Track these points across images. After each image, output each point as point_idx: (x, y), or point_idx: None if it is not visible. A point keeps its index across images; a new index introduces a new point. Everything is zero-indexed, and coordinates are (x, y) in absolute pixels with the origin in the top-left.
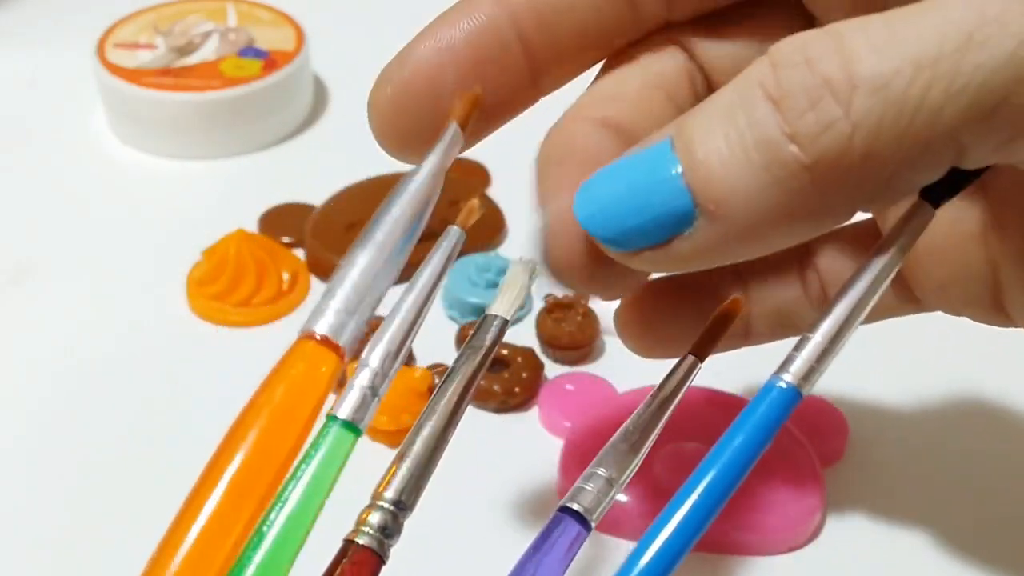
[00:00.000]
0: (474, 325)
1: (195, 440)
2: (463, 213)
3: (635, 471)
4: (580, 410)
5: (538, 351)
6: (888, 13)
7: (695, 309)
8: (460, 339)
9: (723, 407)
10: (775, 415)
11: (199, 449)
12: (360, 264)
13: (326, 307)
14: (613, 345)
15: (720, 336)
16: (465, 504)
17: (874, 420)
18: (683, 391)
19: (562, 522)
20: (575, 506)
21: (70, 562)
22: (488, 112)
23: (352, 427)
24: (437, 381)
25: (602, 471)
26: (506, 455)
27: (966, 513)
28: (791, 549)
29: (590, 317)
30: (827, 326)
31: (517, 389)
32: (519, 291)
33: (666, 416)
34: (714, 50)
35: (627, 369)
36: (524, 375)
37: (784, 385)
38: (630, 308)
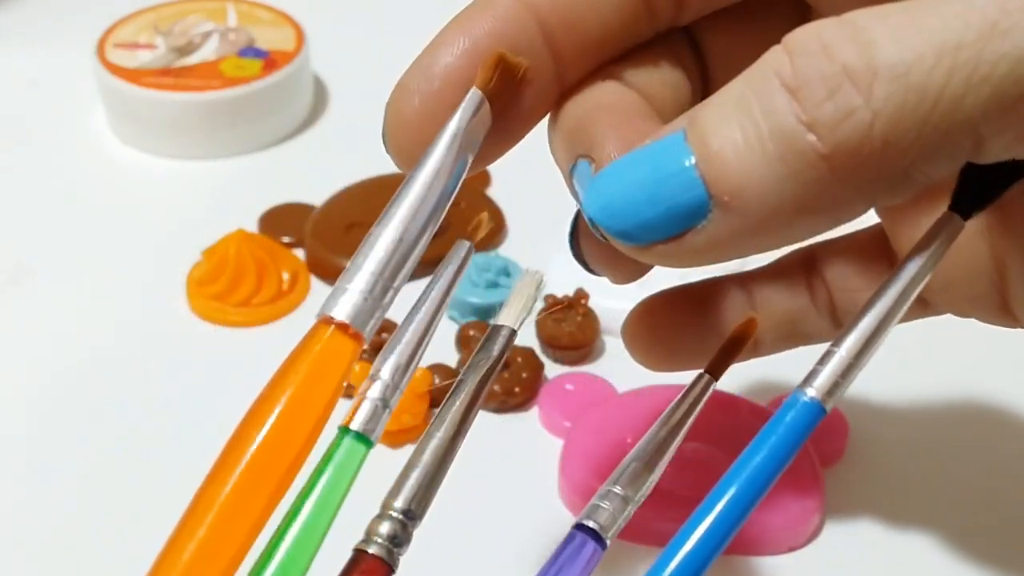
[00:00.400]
0: (474, 325)
1: (195, 440)
2: (473, 226)
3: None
4: (580, 410)
5: (538, 351)
6: (905, 2)
7: (702, 322)
8: (460, 339)
9: (722, 407)
10: (799, 430)
11: (199, 449)
12: (380, 246)
13: (345, 289)
14: (613, 345)
15: (736, 355)
16: (465, 504)
17: (874, 420)
18: (699, 409)
19: (577, 539)
20: (591, 523)
21: (70, 562)
22: (519, 115)
23: (364, 439)
24: (437, 381)
25: (618, 489)
26: (506, 455)
27: (966, 513)
28: (791, 549)
29: (590, 317)
30: (853, 340)
31: (517, 389)
32: (526, 302)
33: (682, 434)
34: (719, 47)
35: (627, 369)
36: (524, 375)
37: (808, 399)
38: (637, 322)
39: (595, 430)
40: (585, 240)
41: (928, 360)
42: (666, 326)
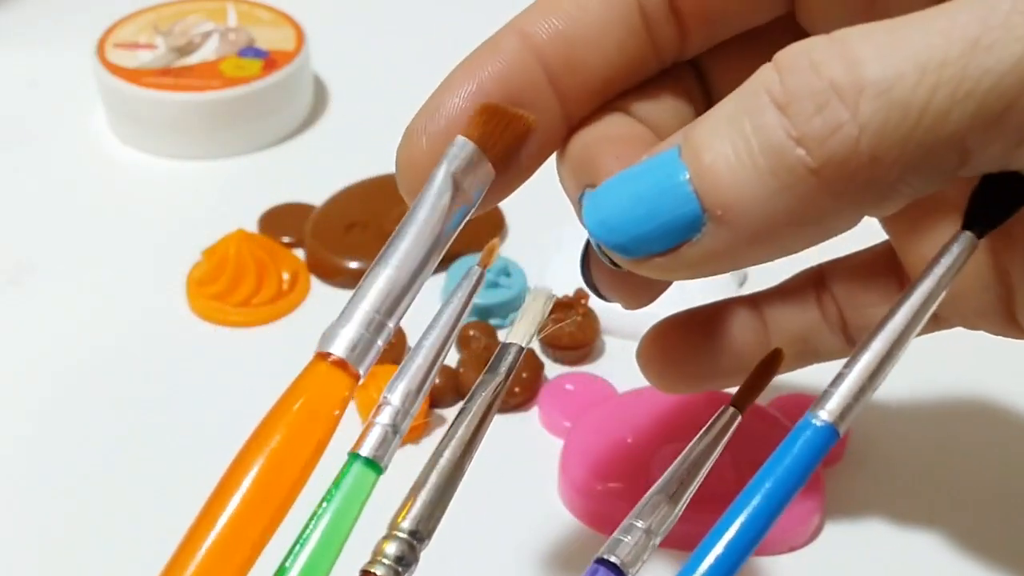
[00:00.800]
0: (474, 325)
1: (195, 440)
2: (484, 253)
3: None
4: (580, 410)
5: (538, 351)
6: (893, 20)
7: (715, 344)
8: (460, 339)
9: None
10: (811, 455)
11: (199, 449)
12: (377, 284)
13: (341, 327)
14: (613, 345)
15: (762, 387)
16: (465, 504)
17: (874, 420)
18: (723, 443)
19: (598, 574)
20: (612, 558)
21: (71, 561)
22: (527, 153)
23: (374, 465)
24: (437, 381)
25: (640, 523)
26: (506, 455)
27: (966, 513)
28: (791, 549)
29: (590, 317)
30: (865, 362)
31: (517, 389)
32: (534, 319)
33: (707, 467)
34: (724, 76)
35: (627, 369)
36: (524, 375)
37: (820, 424)
38: (651, 345)
39: (595, 430)
40: (596, 267)
41: (928, 360)
42: (679, 349)
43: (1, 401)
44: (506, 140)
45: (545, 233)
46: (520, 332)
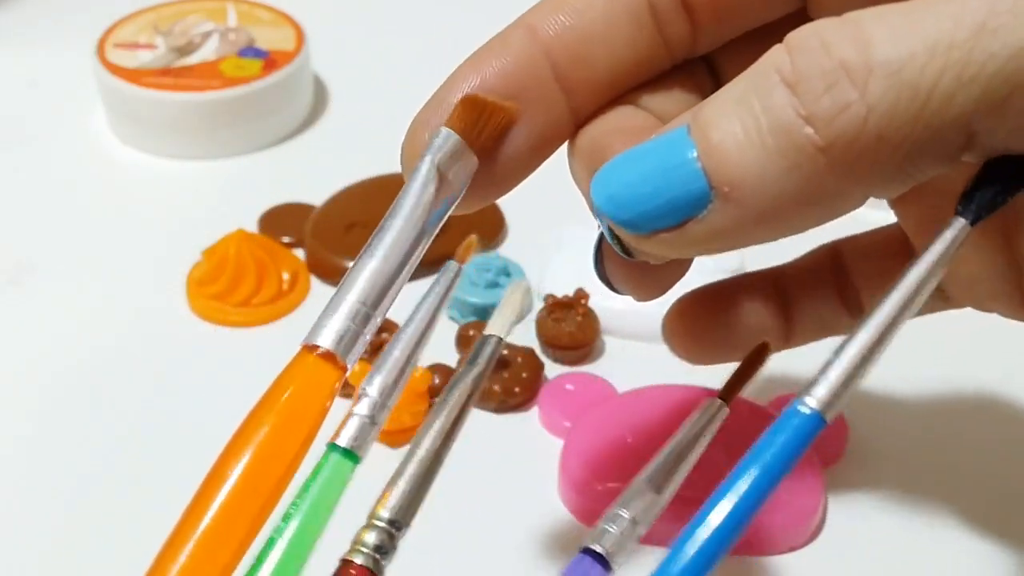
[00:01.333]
0: (474, 325)
1: (195, 440)
2: (461, 248)
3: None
4: (580, 410)
5: (538, 351)
6: (906, 3)
7: (736, 319)
8: (460, 339)
9: None
10: (798, 442)
11: (199, 449)
12: (363, 276)
13: (327, 319)
14: (613, 345)
15: (748, 380)
16: (465, 504)
17: (874, 420)
18: (710, 435)
19: (584, 563)
20: (597, 548)
21: (70, 561)
22: (532, 148)
23: (351, 455)
24: (437, 381)
25: (625, 512)
26: (506, 455)
27: (966, 512)
28: (791, 549)
29: (590, 317)
30: (853, 348)
31: (517, 389)
32: (512, 310)
33: (692, 458)
34: (735, 69)
35: (627, 369)
36: (524, 375)
37: (808, 411)
38: (676, 319)
39: (595, 430)
40: (609, 260)
41: (927, 358)
42: (703, 321)
43: (1, 401)
44: (489, 131)
45: (545, 233)
46: (498, 324)
